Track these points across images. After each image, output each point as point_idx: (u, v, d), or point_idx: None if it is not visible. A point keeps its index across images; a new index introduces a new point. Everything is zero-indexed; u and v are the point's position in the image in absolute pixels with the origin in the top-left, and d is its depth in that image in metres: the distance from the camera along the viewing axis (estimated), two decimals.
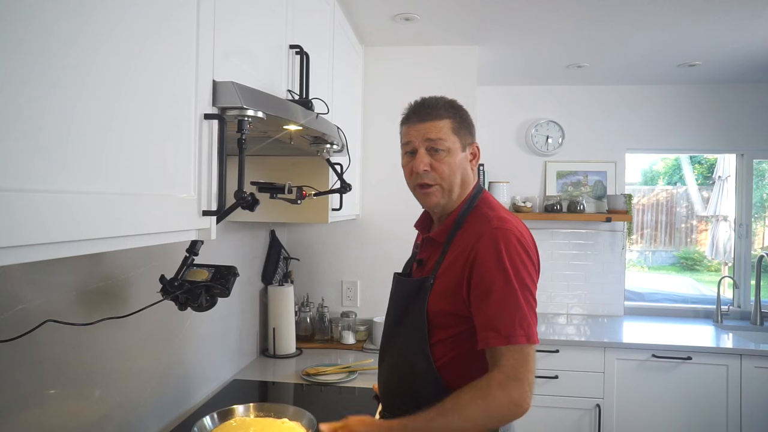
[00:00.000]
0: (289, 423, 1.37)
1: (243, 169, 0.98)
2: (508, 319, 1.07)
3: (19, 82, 0.52)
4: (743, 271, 3.24)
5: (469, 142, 1.27)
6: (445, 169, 1.21)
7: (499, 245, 1.11)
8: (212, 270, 1.16)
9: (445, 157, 1.21)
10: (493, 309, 1.09)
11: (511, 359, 1.06)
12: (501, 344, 1.07)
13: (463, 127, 1.25)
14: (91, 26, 0.62)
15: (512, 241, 1.12)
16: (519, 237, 1.13)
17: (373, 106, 2.60)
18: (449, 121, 1.23)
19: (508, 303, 1.08)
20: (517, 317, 1.07)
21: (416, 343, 1.20)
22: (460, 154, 1.24)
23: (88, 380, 1.20)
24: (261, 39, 1.22)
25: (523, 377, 1.05)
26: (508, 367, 1.06)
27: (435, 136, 1.21)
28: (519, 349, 1.06)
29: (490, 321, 1.08)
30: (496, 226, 1.14)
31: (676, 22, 2.20)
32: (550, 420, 2.62)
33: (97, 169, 0.64)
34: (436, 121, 1.22)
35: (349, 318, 2.52)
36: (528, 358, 1.07)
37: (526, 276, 1.11)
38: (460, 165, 1.23)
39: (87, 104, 0.61)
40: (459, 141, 1.23)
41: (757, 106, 3.15)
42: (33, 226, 0.53)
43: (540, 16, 2.16)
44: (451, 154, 1.22)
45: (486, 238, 1.13)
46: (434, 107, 1.24)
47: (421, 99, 1.27)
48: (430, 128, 1.22)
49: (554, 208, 3.12)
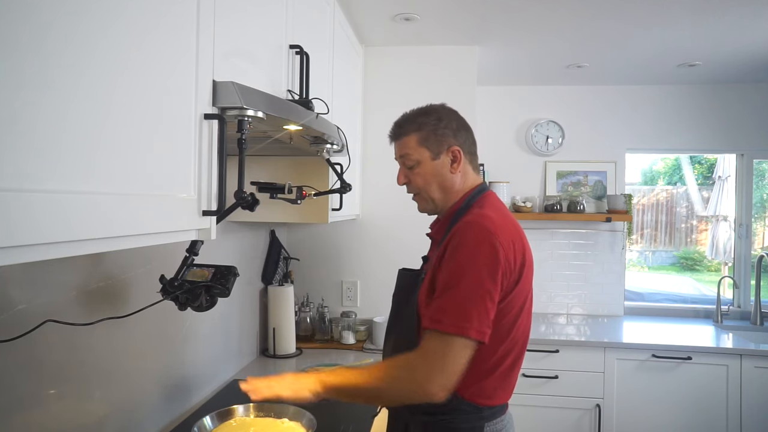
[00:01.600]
0: (289, 423, 1.37)
1: (243, 169, 0.98)
2: (443, 306, 1.10)
3: (15, 82, 0.51)
4: (743, 271, 3.24)
5: (445, 148, 1.28)
6: (419, 180, 1.30)
7: (465, 237, 1.12)
8: (212, 270, 1.16)
9: (416, 168, 1.29)
10: (438, 295, 1.12)
11: (429, 342, 1.10)
12: (425, 326, 1.11)
13: (431, 137, 1.27)
14: (88, 24, 0.62)
15: (479, 234, 1.12)
16: (490, 231, 1.12)
17: (373, 106, 2.60)
18: (414, 136, 1.28)
19: (452, 293, 1.10)
20: (450, 306, 1.09)
21: (407, 337, 1.21)
22: (431, 163, 1.28)
23: (88, 380, 1.20)
24: (261, 39, 1.22)
25: (435, 362, 1.07)
26: (423, 348, 1.10)
27: (403, 152, 1.30)
28: (440, 335, 1.08)
29: (433, 305, 1.12)
30: (470, 219, 1.16)
31: (676, 22, 2.20)
32: (550, 420, 2.62)
33: (96, 169, 0.64)
34: (401, 138, 1.31)
35: (349, 318, 2.52)
36: (448, 347, 1.07)
37: (482, 270, 1.09)
38: (435, 173, 1.28)
39: (86, 104, 0.61)
40: (428, 151, 1.28)
41: (757, 106, 3.15)
42: (30, 227, 0.53)
43: (540, 15, 2.16)
44: (421, 165, 1.28)
45: (456, 231, 1.15)
46: (402, 125, 1.32)
47: (399, 117, 1.35)
48: (398, 146, 1.33)
49: (554, 208, 3.12)
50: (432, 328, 1.09)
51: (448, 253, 1.13)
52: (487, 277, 1.09)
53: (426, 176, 1.28)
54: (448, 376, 1.07)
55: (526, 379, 2.60)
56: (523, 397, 2.59)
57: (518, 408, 2.51)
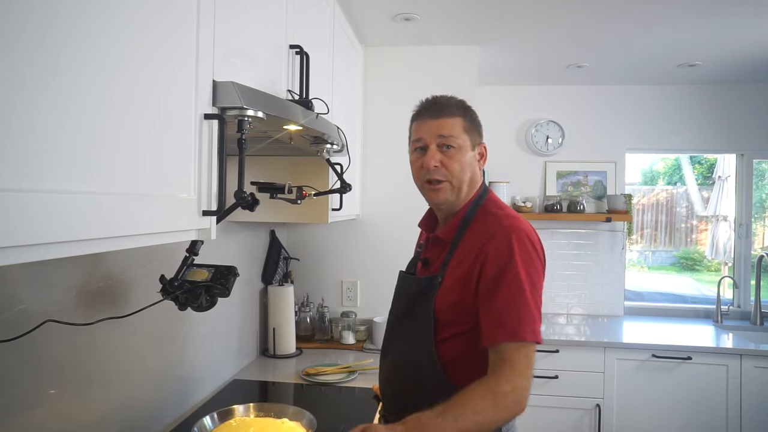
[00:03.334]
0: (289, 423, 1.37)
1: (243, 169, 0.98)
2: (516, 316, 1.09)
3: (16, 80, 0.51)
4: (743, 271, 3.24)
5: (478, 142, 1.29)
6: (456, 166, 1.23)
7: (512, 244, 1.12)
8: (212, 270, 1.16)
9: (456, 154, 1.23)
10: (502, 306, 1.10)
11: (517, 355, 1.07)
12: (508, 340, 1.08)
13: (473, 127, 1.27)
14: (88, 23, 0.62)
15: (524, 240, 1.14)
16: (529, 236, 1.16)
17: (373, 106, 2.60)
18: (461, 119, 1.24)
19: (518, 301, 1.10)
20: (524, 315, 1.09)
21: (422, 342, 1.20)
22: (469, 153, 1.26)
23: (88, 380, 1.20)
24: (261, 39, 1.22)
25: (528, 374, 1.08)
26: (514, 362, 1.07)
27: (447, 133, 1.22)
28: (525, 345, 1.08)
29: (498, 318, 1.10)
30: (508, 225, 1.16)
31: (676, 22, 2.20)
32: (550, 420, 2.62)
33: (96, 169, 0.64)
34: (448, 118, 1.23)
35: (349, 318, 2.52)
36: (531, 356, 1.09)
37: (535, 275, 1.14)
38: (469, 163, 1.25)
39: (86, 103, 0.61)
40: (469, 140, 1.25)
41: (757, 106, 3.15)
42: (30, 227, 0.53)
43: (540, 15, 2.16)
44: (461, 151, 1.23)
45: (498, 237, 1.14)
46: (447, 105, 1.26)
47: (433, 97, 1.29)
48: (442, 125, 1.23)
49: (554, 208, 3.12)
50: (511, 340, 1.08)
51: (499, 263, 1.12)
52: (538, 281, 1.14)
53: (463, 164, 1.24)
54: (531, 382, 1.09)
55: None
56: None
57: None
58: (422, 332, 1.20)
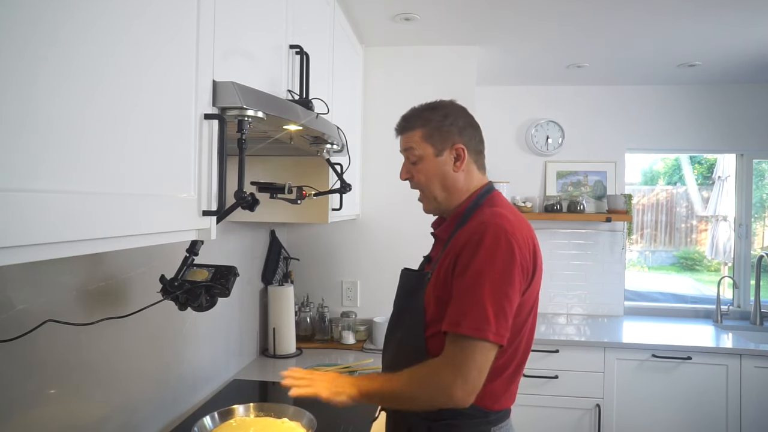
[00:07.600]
0: (289, 423, 1.37)
1: (243, 169, 0.98)
2: (463, 309, 1.08)
3: (16, 79, 0.51)
4: (743, 271, 3.25)
5: (448, 146, 1.26)
6: (421, 177, 1.28)
7: (484, 239, 1.10)
8: (212, 270, 1.16)
9: (419, 164, 1.28)
10: (455, 297, 1.11)
11: (452, 346, 1.09)
12: (447, 330, 1.10)
13: (436, 133, 1.26)
14: (87, 25, 0.62)
15: (499, 236, 1.10)
16: (509, 233, 1.11)
17: (373, 106, 2.60)
18: (419, 131, 1.27)
19: (470, 295, 1.08)
20: (472, 309, 1.07)
21: (413, 337, 1.21)
22: (434, 160, 1.26)
23: (89, 380, 1.20)
24: (261, 39, 1.22)
25: (459, 367, 1.07)
26: (447, 353, 1.10)
27: (407, 146, 1.29)
28: (462, 339, 1.07)
29: (451, 307, 1.11)
30: (489, 220, 1.14)
31: (676, 22, 2.20)
32: (550, 420, 2.62)
33: (96, 169, 0.64)
34: (407, 132, 1.29)
35: (349, 318, 2.52)
36: (470, 351, 1.07)
37: (504, 273, 1.09)
38: (437, 171, 1.26)
39: (84, 102, 0.61)
40: (432, 147, 1.26)
41: (757, 106, 3.15)
42: (30, 227, 0.53)
43: (540, 15, 2.16)
44: (424, 161, 1.27)
45: (474, 231, 1.13)
46: (409, 119, 1.30)
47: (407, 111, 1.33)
48: (404, 140, 1.30)
49: (554, 208, 3.12)
50: (451, 331, 1.08)
51: (466, 255, 1.11)
52: (505, 279, 1.09)
53: (428, 173, 1.26)
54: (472, 380, 1.06)
55: (526, 379, 2.60)
56: (523, 397, 2.58)
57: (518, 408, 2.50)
58: (413, 327, 1.21)
